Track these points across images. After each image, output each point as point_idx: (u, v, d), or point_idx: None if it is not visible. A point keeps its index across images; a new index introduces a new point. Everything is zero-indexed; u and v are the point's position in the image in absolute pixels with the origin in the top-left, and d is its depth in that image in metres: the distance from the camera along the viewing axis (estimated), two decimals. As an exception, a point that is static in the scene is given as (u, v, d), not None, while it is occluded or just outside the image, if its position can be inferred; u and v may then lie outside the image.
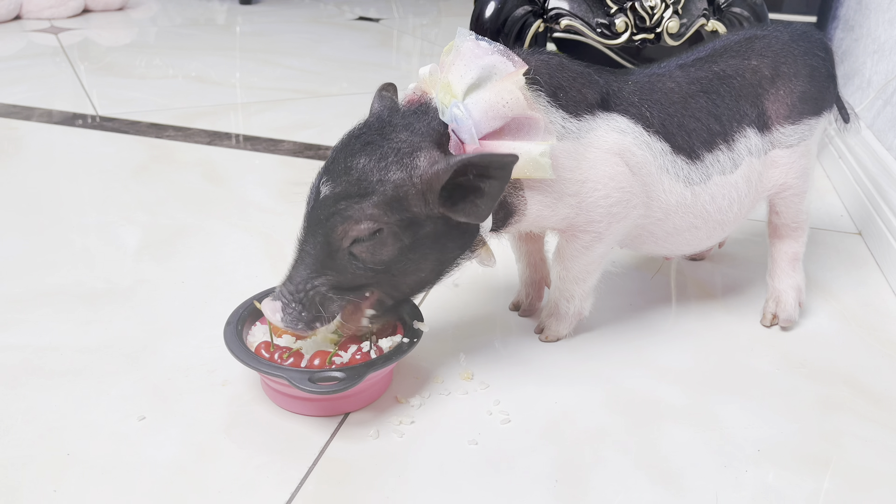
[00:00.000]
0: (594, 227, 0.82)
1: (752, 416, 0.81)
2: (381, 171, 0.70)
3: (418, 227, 0.72)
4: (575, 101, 0.78)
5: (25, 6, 2.73)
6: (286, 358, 0.77)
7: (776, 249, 0.97)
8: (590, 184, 0.79)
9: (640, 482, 0.71)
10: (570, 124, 0.78)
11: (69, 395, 0.81)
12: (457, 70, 0.72)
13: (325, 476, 0.71)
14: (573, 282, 0.88)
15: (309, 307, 0.73)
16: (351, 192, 0.70)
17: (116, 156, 1.49)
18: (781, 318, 0.95)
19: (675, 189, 0.84)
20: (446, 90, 0.72)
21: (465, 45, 0.74)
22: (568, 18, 1.21)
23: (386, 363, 0.75)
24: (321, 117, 1.77)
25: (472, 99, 0.71)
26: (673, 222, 0.86)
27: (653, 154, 0.82)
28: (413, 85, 0.78)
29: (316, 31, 2.76)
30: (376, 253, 0.72)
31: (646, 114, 0.82)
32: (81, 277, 1.04)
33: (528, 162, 0.72)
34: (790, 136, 0.89)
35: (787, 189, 0.92)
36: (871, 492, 0.72)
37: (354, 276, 0.73)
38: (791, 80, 0.89)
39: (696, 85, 0.87)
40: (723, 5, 1.26)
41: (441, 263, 0.77)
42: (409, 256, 0.73)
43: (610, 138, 0.79)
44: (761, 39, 0.90)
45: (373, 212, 0.70)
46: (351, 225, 0.71)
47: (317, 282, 0.72)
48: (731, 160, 0.86)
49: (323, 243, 0.72)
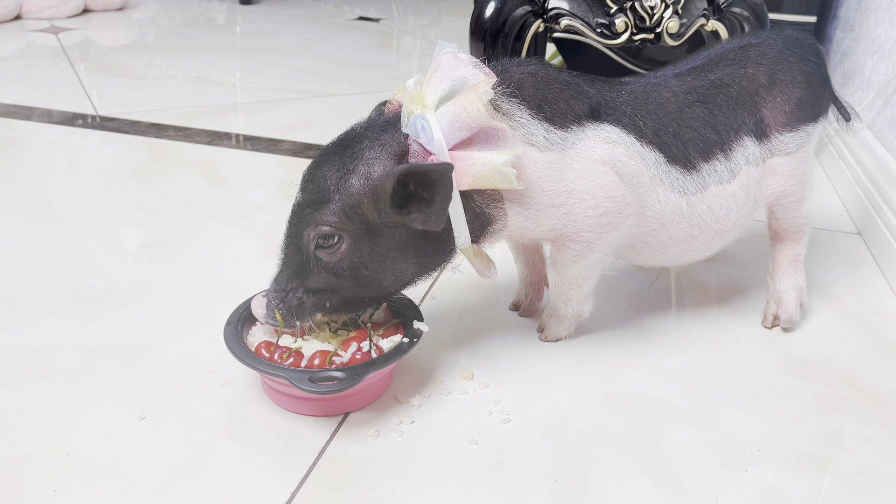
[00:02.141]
0: (584, 237, 0.82)
1: (752, 416, 0.81)
2: (340, 179, 0.74)
3: (377, 235, 0.75)
4: (561, 112, 0.79)
5: (25, 6, 2.73)
6: (286, 358, 0.77)
7: (777, 251, 0.97)
8: (577, 194, 0.79)
9: (640, 482, 0.71)
10: (553, 136, 0.78)
11: (69, 395, 0.81)
12: (433, 83, 0.75)
13: (325, 476, 0.71)
14: (569, 287, 0.88)
15: (289, 306, 0.77)
16: (314, 200, 0.74)
17: (116, 156, 1.50)
18: (783, 320, 0.95)
19: (671, 199, 0.84)
20: (417, 102, 0.74)
21: (444, 57, 0.76)
22: (568, 18, 1.21)
23: (386, 363, 0.76)
24: (321, 117, 1.77)
25: (442, 111, 0.73)
26: (668, 232, 0.86)
27: (646, 164, 0.82)
28: (395, 95, 0.80)
29: (316, 31, 2.76)
30: (335, 258, 0.75)
31: (639, 124, 0.82)
32: (81, 277, 1.04)
33: (492, 171, 0.73)
34: (788, 144, 0.89)
35: (787, 196, 0.91)
36: (871, 492, 0.72)
37: (322, 279, 0.76)
38: (788, 88, 0.88)
39: (693, 94, 0.86)
40: (723, 5, 1.26)
41: (408, 272, 0.79)
42: (370, 265, 0.76)
43: (599, 149, 0.79)
44: (756, 47, 0.90)
45: (330, 218, 0.74)
46: (312, 230, 0.75)
47: (294, 283, 0.77)
48: (728, 170, 0.86)
49: (295, 248, 0.77)
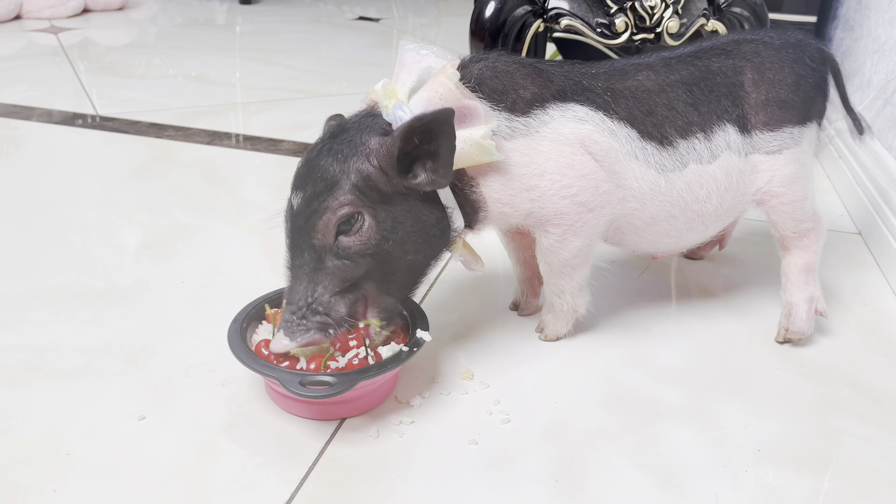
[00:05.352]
0: (564, 219, 0.82)
1: (752, 416, 0.81)
2: (341, 162, 0.74)
3: (391, 204, 0.75)
4: (523, 99, 0.80)
5: (25, 6, 2.73)
6: (282, 359, 0.76)
7: (786, 262, 0.95)
8: (548, 176, 0.80)
9: (640, 482, 0.71)
10: (515, 123, 0.79)
11: (69, 395, 0.81)
12: (401, 78, 0.77)
13: (325, 476, 0.71)
14: (558, 276, 0.88)
15: (313, 318, 0.74)
16: (320, 190, 0.74)
17: (116, 156, 1.50)
18: (791, 332, 0.93)
19: (647, 176, 0.84)
20: (390, 96, 0.76)
21: (407, 55, 0.78)
22: (568, 18, 1.21)
23: (380, 371, 0.74)
24: (321, 117, 1.74)
25: (415, 99, 0.76)
26: (649, 211, 0.86)
27: (618, 140, 0.82)
28: (364, 98, 0.81)
29: (316, 30, 2.76)
30: (364, 238, 0.74)
31: (608, 101, 0.83)
32: (81, 277, 1.04)
33: (473, 146, 0.75)
34: (769, 143, 0.88)
35: (774, 197, 0.90)
36: (871, 492, 0.72)
37: (347, 273, 0.75)
38: (774, 87, 0.88)
39: (675, 75, 0.87)
40: (723, 5, 1.26)
41: (423, 252, 0.78)
42: (393, 237, 0.75)
43: (566, 129, 0.80)
44: (750, 43, 0.90)
45: (345, 197, 0.73)
46: (330, 216, 0.73)
47: (316, 293, 0.75)
48: (708, 150, 0.86)
49: (310, 252, 0.74)
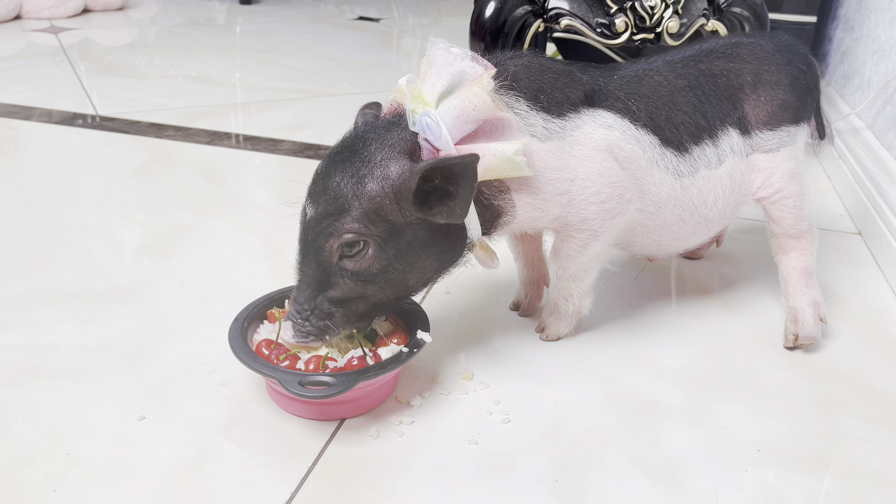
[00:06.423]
0: (589, 224, 0.82)
1: (752, 416, 0.81)
2: (356, 185, 0.73)
3: (400, 235, 0.74)
4: (557, 101, 0.79)
5: (25, 6, 2.73)
6: (282, 359, 0.76)
7: (785, 266, 0.95)
8: (579, 181, 0.80)
9: (640, 482, 0.71)
10: (552, 125, 0.79)
11: (69, 395, 0.81)
12: (429, 79, 0.74)
13: (325, 476, 0.71)
14: (570, 280, 0.88)
15: (315, 322, 0.76)
16: (330, 211, 0.73)
17: (116, 156, 1.50)
18: (801, 337, 0.92)
19: (665, 181, 0.85)
20: (418, 100, 0.74)
21: (437, 53, 0.75)
22: (568, 18, 1.21)
23: (380, 372, 0.75)
24: (321, 117, 1.77)
25: (445, 106, 0.73)
26: (664, 216, 0.87)
27: (641, 147, 0.83)
28: (390, 96, 0.79)
29: (316, 31, 2.76)
30: (364, 265, 0.74)
31: (632, 108, 0.83)
32: (81, 277, 1.04)
33: (503, 161, 0.74)
34: (769, 142, 0.90)
35: (776, 192, 0.92)
36: (871, 492, 0.72)
37: (349, 288, 0.75)
38: (773, 88, 0.90)
39: (683, 80, 0.88)
40: (723, 5, 1.26)
41: (431, 269, 0.78)
42: (397, 266, 0.75)
43: (597, 135, 0.80)
44: (746, 46, 0.92)
45: (352, 226, 0.72)
46: (334, 241, 0.73)
47: (317, 300, 0.75)
48: (716, 155, 0.88)
49: (315, 263, 0.75)
